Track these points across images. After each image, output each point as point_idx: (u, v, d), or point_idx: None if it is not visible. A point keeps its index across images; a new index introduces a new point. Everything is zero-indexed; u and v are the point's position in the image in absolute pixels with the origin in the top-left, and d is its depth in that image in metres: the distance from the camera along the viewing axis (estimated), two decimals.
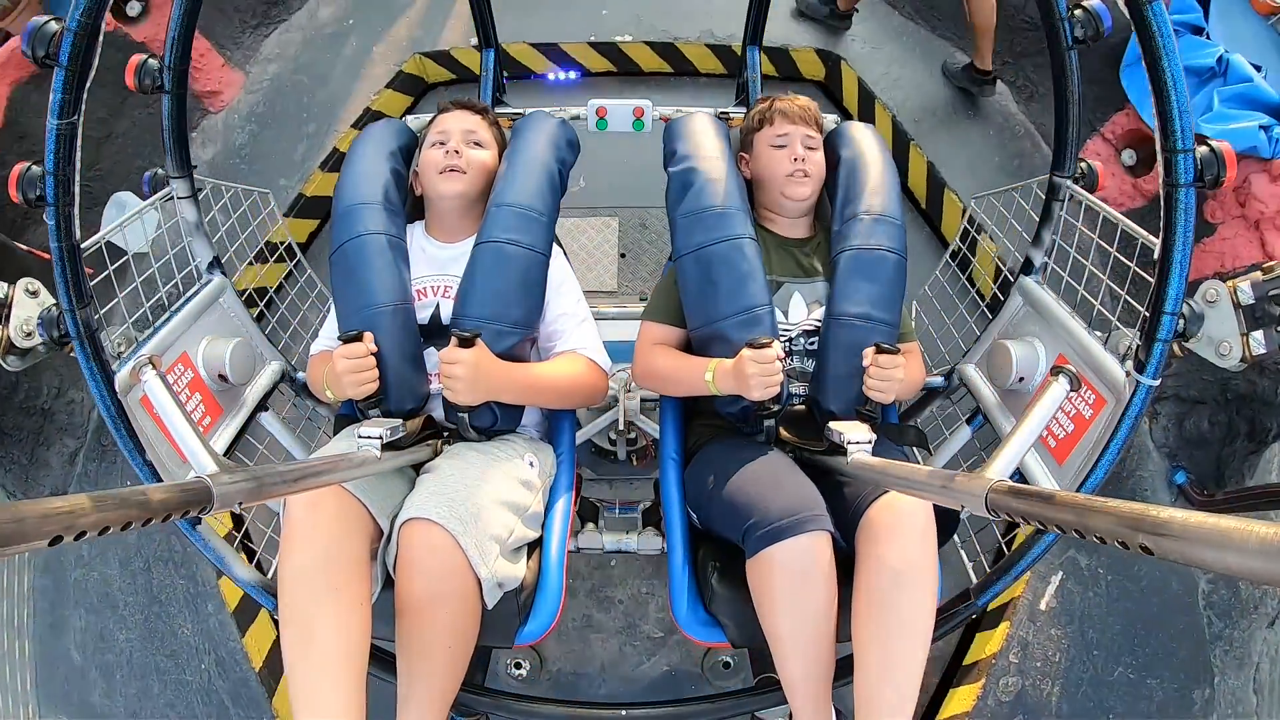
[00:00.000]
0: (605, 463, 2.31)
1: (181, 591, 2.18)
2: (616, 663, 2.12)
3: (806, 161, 1.39)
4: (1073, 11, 1.17)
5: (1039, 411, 0.98)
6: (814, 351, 1.35)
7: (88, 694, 2.09)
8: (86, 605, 2.19)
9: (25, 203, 1.01)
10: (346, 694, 0.97)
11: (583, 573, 2.21)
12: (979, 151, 2.81)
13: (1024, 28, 2.83)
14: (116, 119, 2.53)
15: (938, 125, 2.86)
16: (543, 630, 1.23)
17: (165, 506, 0.58)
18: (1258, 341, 1.03)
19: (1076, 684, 2.07)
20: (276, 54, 3.07)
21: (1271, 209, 2.03)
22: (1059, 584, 2.17)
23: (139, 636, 2.14)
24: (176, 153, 1.37)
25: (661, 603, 2.15)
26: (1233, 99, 2.17)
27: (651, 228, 2.74)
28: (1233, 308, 1.05)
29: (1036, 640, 2.12)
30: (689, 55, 3.05)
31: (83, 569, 2.23)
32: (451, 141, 1.38)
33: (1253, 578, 0.39)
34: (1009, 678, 2.07)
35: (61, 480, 2.32)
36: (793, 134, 1.41)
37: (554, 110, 1.67)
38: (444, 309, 1.35)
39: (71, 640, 2.15)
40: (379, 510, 1.10)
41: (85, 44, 0.95)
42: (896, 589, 1.02)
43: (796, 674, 1.09)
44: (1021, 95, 2.90)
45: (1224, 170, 0.96)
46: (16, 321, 1.11)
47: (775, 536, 1.06)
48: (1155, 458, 2.32)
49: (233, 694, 2.06)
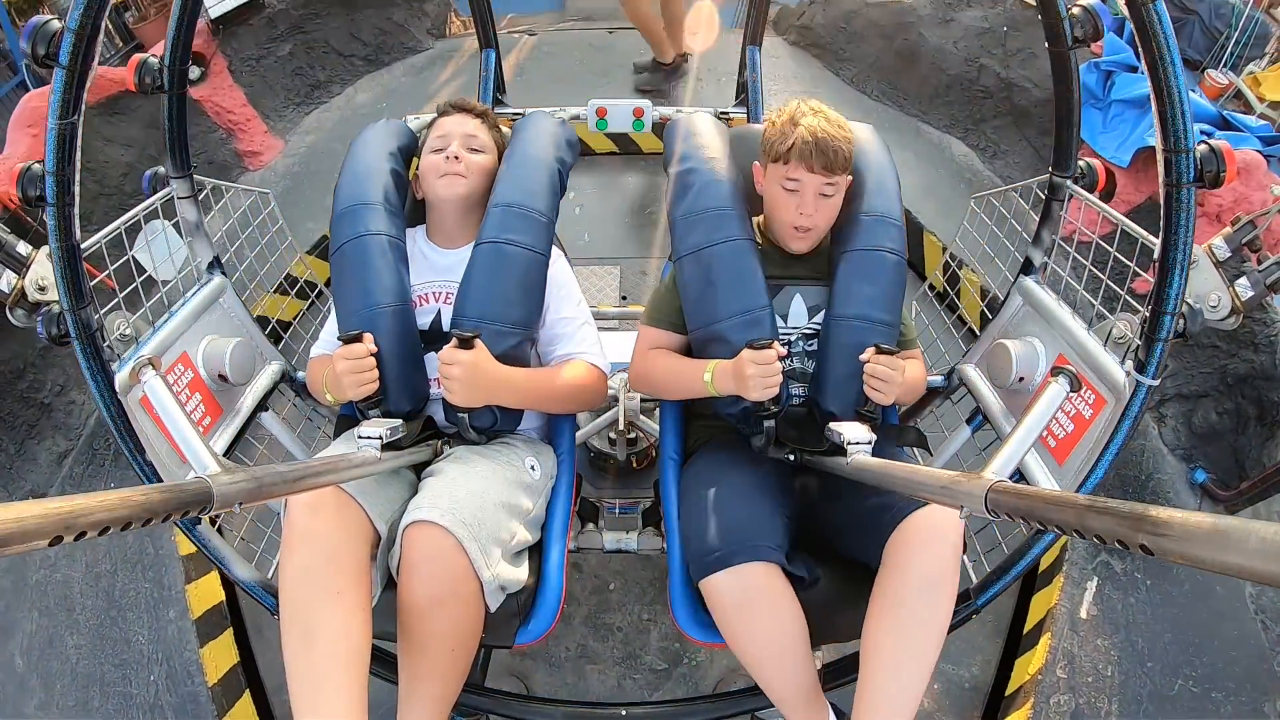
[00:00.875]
0: (603, 474, 2.29)
1: (144, 596, 2.08)
2: (615, 698, 1.97)
3: (817, 214, 1.29)
4: (1072, 11, 1.17)
5: (1039, 411, 0.98)
6: (813, 352, 1.35)
7: (23, 704, 1.95)
8: (41, 608, 2.08)
9: (26, 202, 1.01)
10: (348, 695, 0.97)
11: (579, 598, 2.09)
12: (952, 202, 2.97)
13: (979, 96, 3.18)
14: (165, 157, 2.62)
15: (912, 184, 3.03)
16: (543, 630, 1.24)
17: (165, 506, 0.58)
18: (1244, 287, 1.07)
19: (1135, 700, 1.92)
20: (315, 127, 3.44)
21: (1229, 200, 2.24)
22: (1096, 590, 2.07)
23: (89, 643, 2.02)
24: (176, 153, 1.38)
25: (665, 631, 2.03)
26: None
27: (650, 275, 2.93)
28: (1213, 266, 1.08)
29: (1083, 652, 1.98)
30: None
31: (46, 569, 2.14)
32: (451, 146, 1.38)
33: (1253, 578, 0.39)
34: (1060, 695, 1.92)
35: (45, 479, 2.29)
36: (806, 184, 1.26)
37: (554, 110, 1.67)
38: (445, 315, 1.35)
39: (18, 644, 2.03)
40: (378, 515, 1.11)
41: (85, 44, 0.95)
42: (919, 594, 1.04)
43: (777, 690, 1.12)
44: (985, 155, 3.21)
45: (1223, 168, 0.96)
46: (34, 276, 1.12)
47: (708, 568, 1.11)
48: (1171, 460, 2.29)
49: (178, 709, 1.92)
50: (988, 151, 3.19)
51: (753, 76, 2.25)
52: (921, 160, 3.20)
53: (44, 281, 1.13)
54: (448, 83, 3.59)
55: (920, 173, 3.12)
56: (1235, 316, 1.08)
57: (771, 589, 1.10)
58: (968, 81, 3.20)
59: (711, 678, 1.96)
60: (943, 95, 3.31)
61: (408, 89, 3.57)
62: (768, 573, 1.10)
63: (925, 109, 3.38)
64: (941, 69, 3.27)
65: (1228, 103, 3.99)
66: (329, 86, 3.55)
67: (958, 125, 3.29)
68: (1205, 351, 2.20)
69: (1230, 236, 1.09)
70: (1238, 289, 1.07)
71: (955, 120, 3.30)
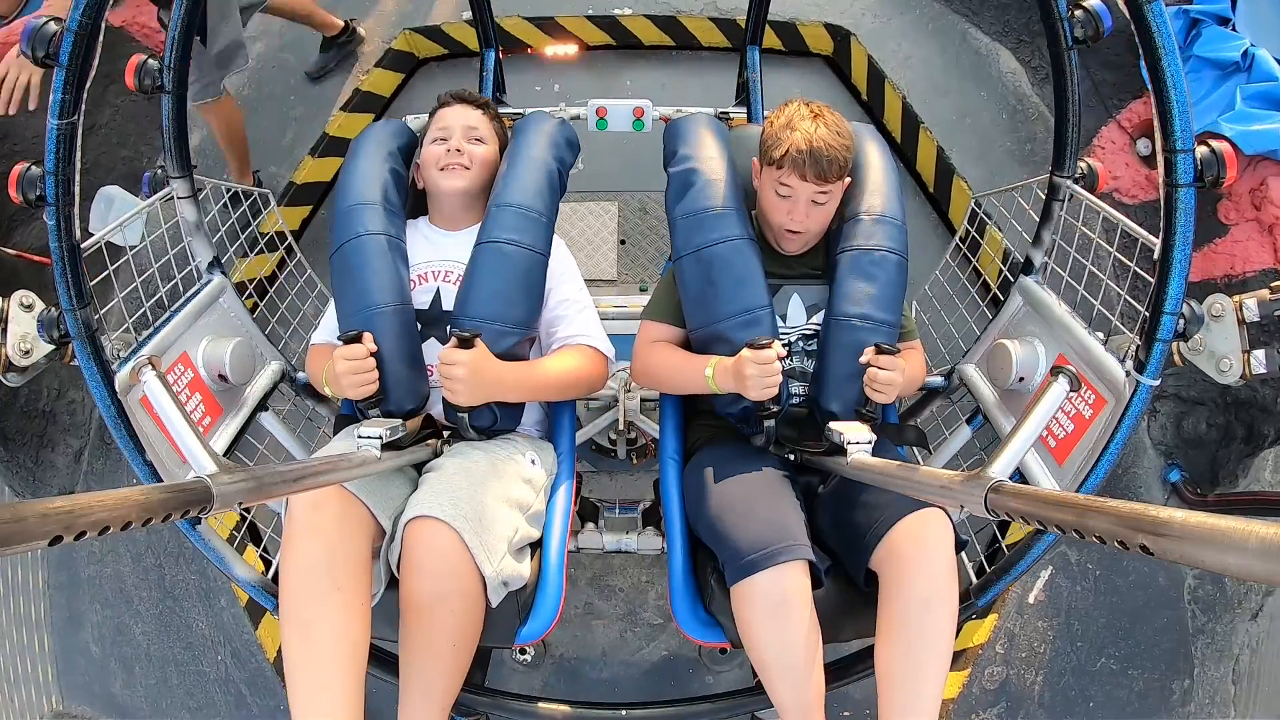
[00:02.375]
0: (604, 462, 2.32)
1: (194, 587, 2.21)
2: (617, 648, 2.17)
3: (808, 219, 1.29)
4: (1073, 11, 1.17)
5: (1039, 411, 0.98)
6: (813, 352, 1.35)
7: (109, 685, 2.13)
8: (102, 600, 2.22)
9: (25, 203, 1.01)
10: (346, 694, 0.97)
11: (584, 562, 2.25)
12: (989, 135, 2.73)
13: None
14: (99, 109, 2.48)
15: (949, 108, 2.78)
16: (543, 630, 1.23)
17: (165, 506, 0.58)
18: (1258, 361, 1.02)
19: (1059, 674, 2.12)
20: (260, 30, 2.92)
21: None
22: (1048, 579, 2.21)
23: (155, 629, 2.17)
24: (176, 153, 1.37)
25: (661, 590, 2.19)
26: (1256, 98, 2.10)
27: (652, 213, 2.67)
28: (1237, 324, 1.04)
29: (1023, 632, 2.16)
30: (691, 29, 2.95)
31: (96, 565, 2.25)
32: (453, 139, 1.38)
33: (1253, 578, 0.39)
34: (994, 667, 2.13)
35: (69, 479, 2.33)
36: (798, 191, 1.26)
37: (554, 110, 1.67)
38: (444, 295, 1.36)
39: (90, 634, 2.19)
40: (381, 510, 1.11)
41: (85, 44, 0.95)
42: (922, 615, 1.05)
43: (786, 698, 1.10)
44: (1036, 77, 2.76)
45: (1224, 171, 0.96)
46: (13, 339, 1.07)
47: (749, 569, 1.08)
48: (1151, 455, 2.33)
49: (250, 683, 2.10)
50: (1040, 72, 2.72)
51: (753, 76, 2.25)
52: (964, 76, 2.80)
53: (26, 344, 1.07)
54: None
55: (959, 93, 2.77)
56: (1241, 381, 1.04)
57: (806, 590, 1.09)
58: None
59: None
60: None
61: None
62: (802, 571, 1.09)
63: (976, 9, 2.87)
64: None
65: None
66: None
67: (1010, 34, 2.79)
68: None
69: (1265, 303, 1.02)
70: (1252, 360, 1.02)
71: (1009, 28, 2.80)
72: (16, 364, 1.09)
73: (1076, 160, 1.36)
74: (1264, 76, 2.10)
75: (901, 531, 1.09)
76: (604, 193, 2.71)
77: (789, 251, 1.37)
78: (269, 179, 2.70)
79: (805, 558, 1.09)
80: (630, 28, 2.96)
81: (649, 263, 2.62)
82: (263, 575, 1.29)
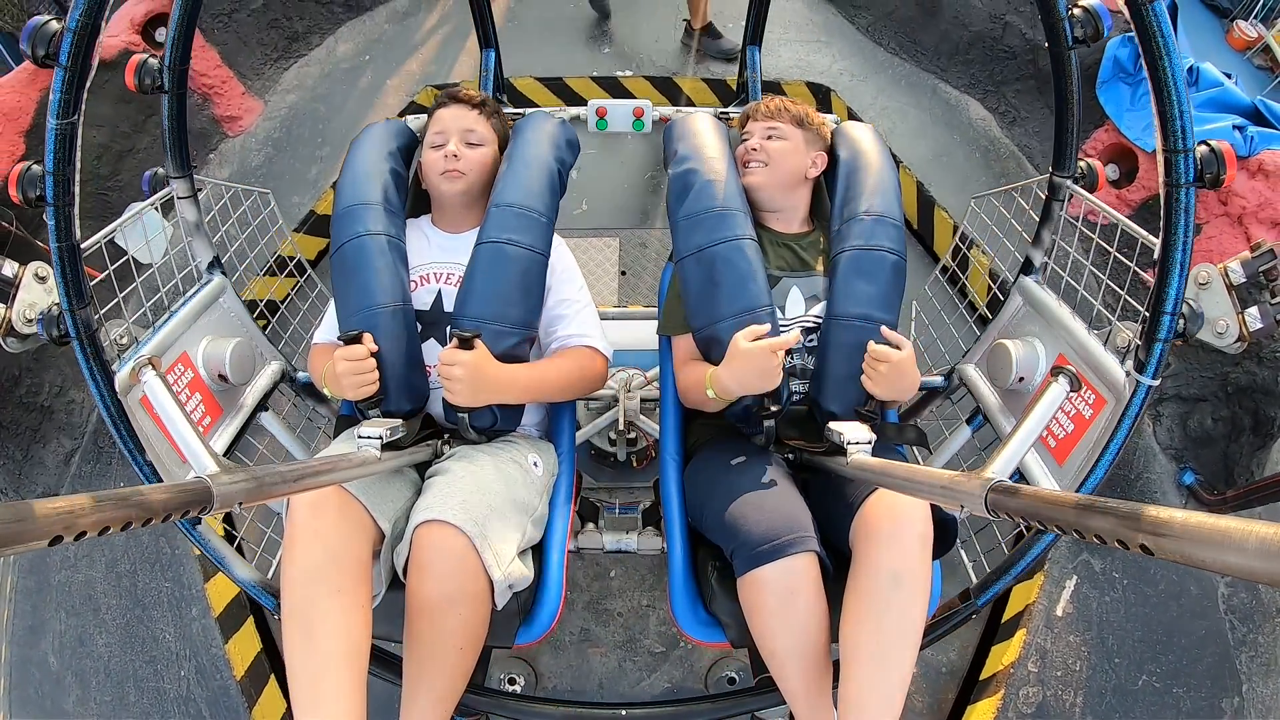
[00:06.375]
0: (604, 469, 2.30)
1: (166, 595, 2.12)
2: (615, 678, 2.05)
3: (761, 151, 1.42)
4: (1072, 11, 1.17)
5: (1039, 411, 0.98)
6: (813, 349, 1.36)
7: (62, 700, 2.01)
8: (68, 608, 2.12)
9: (25, 203, 1.01)
10: (347, 694, 0.97)
11: (581, 584, 2.16)
12: (966, 171, 2.90)
13: (1003, 56, 3.00)
14: (139, 134, 2.60)
15: (925, 149, 2.98)
16: (543, 630, 1.23)
17: (165, 506, 0.58)
18: (1254, 317, 1.05)
19: (1099, 694, 2.00)
20: (295, 85, 3.21)
21: (1253, 203, 2.09)
22: (1074, 589, 2.12)
23: (119, 641, 2.07)
24: (176, 153, 1.37)
25: (662, 615, 2.09)
26: (1205, 104, 2.25)
27: (651, 247, 2.84)
28: (1225, 289, 1.07)
29: (1055, 648, 2.05)
30: (685, 89, 3.18)
31: (67, 570, 2.17)
32: (450, 144, 1.38)
33: (1253, 577, 0.39)
34: (1029, 688, 2.00)
35: (55, 480, 2.30)
36: (753, 130, 1.47)
37: (554, 110, 1.67)
38: (446, 296, 1.36)
39: (50, 644, 2.08)
40: (380, 513, 1.11)
41: (85, 44, 0.95)
42: (892, 591, 1.02)
43: (795, 686, 1.10)
44: (1004, 120, 3.05)
45: (1224, 169, 0.96)
46: (21, 305, 1.10)
47: (760, 559, 1.08)
48: (1162, 459, 2.29)
49: (211, 702, 1.98)
50: (1007, 116, 3.00)
51: (753, 76, 2.25)
52: (936, 122, 3.05)
53: (32, 313, 1.10)
54: (434, 30, 3.38)
55: (934, 136, 3.00)
56: (1241, 343, 1.05)
57: (816, 580, 1.09)
58: (991, 40, 2.98)
59: (708, 658, 2.02)
60: (963, 53, 3.10)
61: (392, 37, 3.34)
62: (812, 562, 1.09)
63: (944, 66, 3.16)
64: (964, 24, 3.05)
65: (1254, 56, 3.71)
66: (308, 38, 3.28)
67: (978, 86, 3.08)
68: (1209, 357, 2.20)
69: (1248, 262, 1.06)
70: (1247, 318, 1.04)
71: (975, 81, 3.09)
72: (19, 330, 1.10)
73: (1076, 160, 1.36)
74: (1210, 84, 2.28)
75: (874, 502, 1.08)
76: (606, 229, 2.89)
77: (752, 187, 1.42)
78: (290, 208, 2.79)
79: (814, 550, 1.09)
80: (630, 88, 3.18)
81: (648, 290, 2.75)
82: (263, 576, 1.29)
